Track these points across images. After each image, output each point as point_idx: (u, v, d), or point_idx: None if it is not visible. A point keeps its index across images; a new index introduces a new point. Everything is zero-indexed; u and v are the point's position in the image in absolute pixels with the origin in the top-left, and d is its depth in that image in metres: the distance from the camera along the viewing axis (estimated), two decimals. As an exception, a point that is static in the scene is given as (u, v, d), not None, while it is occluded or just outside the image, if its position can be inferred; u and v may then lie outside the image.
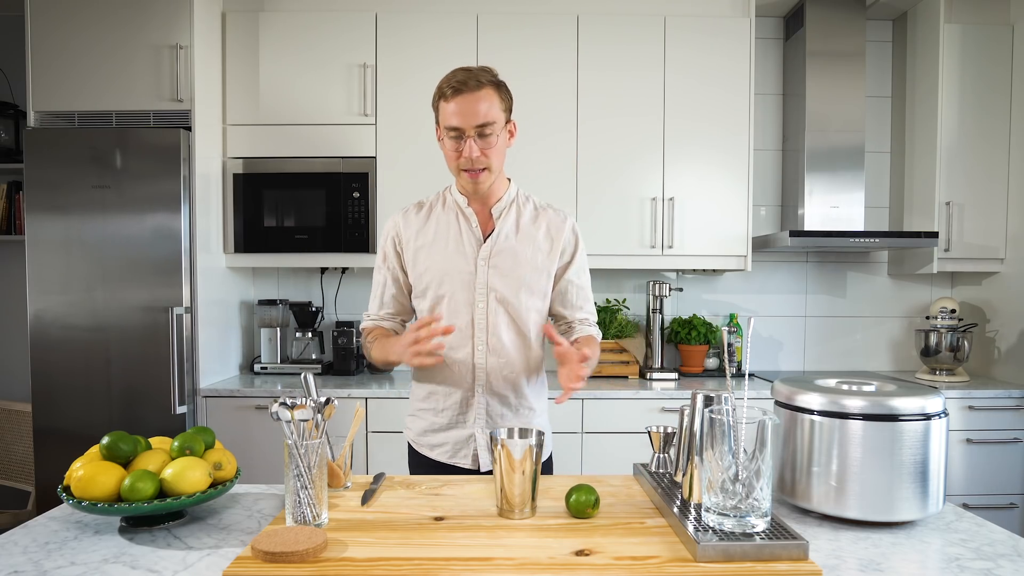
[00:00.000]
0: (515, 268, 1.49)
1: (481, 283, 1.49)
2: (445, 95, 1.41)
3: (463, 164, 1.43)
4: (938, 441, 1.05)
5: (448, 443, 1.52)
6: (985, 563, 0.93)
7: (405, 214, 1.59)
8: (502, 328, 1.49)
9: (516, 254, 1.50)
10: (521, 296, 1.49)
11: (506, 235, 1.52)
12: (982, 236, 2.87)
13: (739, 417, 0.94)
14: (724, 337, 1.72)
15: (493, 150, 1.44)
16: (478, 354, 1.49)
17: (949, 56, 2.85)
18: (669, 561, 0.89)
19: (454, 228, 1.53)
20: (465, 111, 1.39)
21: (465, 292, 1.49)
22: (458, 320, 1.48)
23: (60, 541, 1.00)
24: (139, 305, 2.47)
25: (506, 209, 1.54)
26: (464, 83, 1.39)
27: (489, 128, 1.41)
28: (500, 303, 1.49)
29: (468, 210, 1.53)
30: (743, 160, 2.81)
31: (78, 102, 2.55)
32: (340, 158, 2.77)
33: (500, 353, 1.49)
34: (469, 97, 1.39)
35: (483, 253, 1.50)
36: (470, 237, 1.51)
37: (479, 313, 1.49)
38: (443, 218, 1.55)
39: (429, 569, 0.86)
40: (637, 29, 2.79)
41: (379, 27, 2.77)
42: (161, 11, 2.53)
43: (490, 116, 1.41)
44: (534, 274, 1.51)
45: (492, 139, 1.43)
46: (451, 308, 1.49)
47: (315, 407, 1.06)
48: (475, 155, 1.41)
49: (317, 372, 2.92)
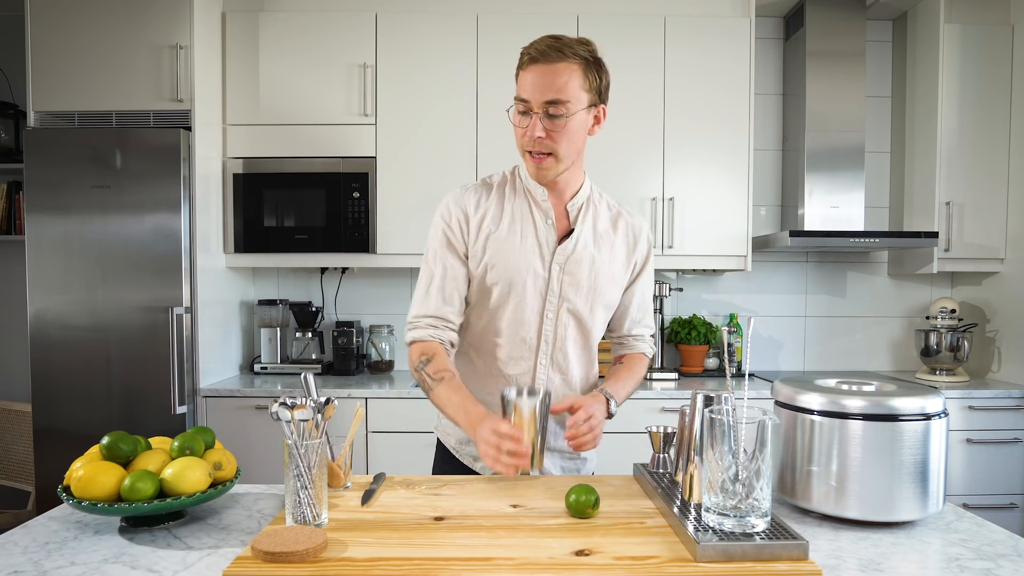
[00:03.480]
0: (592, 279, 1.33)
1: (553, 291, 1.32)
2: (523, 63, 1.25)
3: (526, 144, 1.26)
4: (938, 441, 1.05)
5: None
6: (985, 563, 0.92)
7: (468, 192, 1.36)
8: (569, 343, 1.35)
9: (593, 263, 1.33)
10: (595, 311, 1.35)
11: (584, 240, 1.34)
12: (982, 236, 2.87)
13: (739, 417, 0.94)
14: (724, 337, 1.71)
15: (562, 133, 1.24)
16: (540, 369, 1.35)
17: (949, 56, 2.85)
18: (669, 561, 0.89)
19: (528, 220, 1.33)
20: (533, 83, 1.22)
21: (535, 298, 1.31)
22: (524, 330, 1.32)
23: (60, 541, 1.00)
24: (139, 305, 2.47)
25: (583, 208, 1.36)
26: (544, 52, 1.21)
27: (560, 107, 1.22)
28: (571, 315, 1.33)
29: (546, 203, 1.33)
30: (743, 160, 2.81)
31: (78, 102, 2.55)
32: (340, 158, 2.77)
33: (564, 369, 1.36)
34: (546, 68, 1.22)
35: (559, 257, 1.32)
36: (546, 235, 1.32)
37: (548, 324, 1.33)
38: (516, 206, 1.34)
39: (429, 569, 0.86)
40: (637, 29, 2.79)
41: (379, 27, 2.77)
42: (161, 11, 2.53)
43: (564, 93, 1.22)
44: (610, 287, 1.36)
45: (562, 121, 1.23)
46: (517, 315, 1.32)
47: (315, 407, 1.06)
48: (538, 135, 1.23)
49: (317, 372, 2.92)
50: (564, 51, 1.22)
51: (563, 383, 1.38)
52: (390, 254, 2.79)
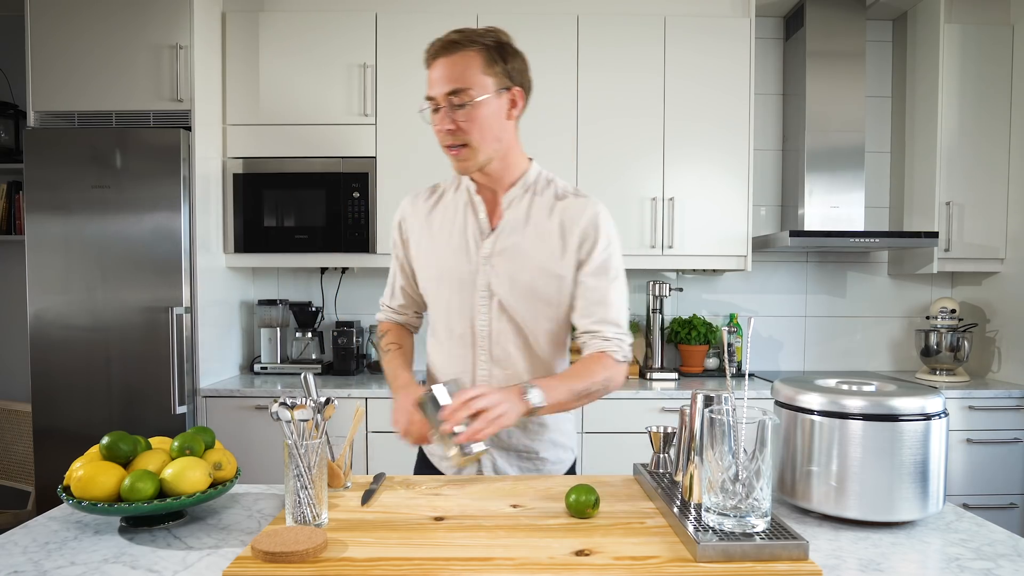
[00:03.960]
0: (518, 268, 1.29)
1: (482, 285, 1.30)
2: (426, 61, 1.24)
3: (442, 140, 1.24)
4: (938, 441, 1.05)
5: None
6: (985, 563, 0.93)
7: (415, 198, 1.40)
8: (507, 338, 1.31)
9: (520, 253, 1.28)
10: (525, 304, 1.29)
11: (512, 228, 1.30)
12: (982, 236, 2.87)
13: (739, 417, 0.94)
14: (724, 337, 1.71)
15: (473, 122, 1.21)
16: (480, 365, 1.33)
17: (949, 56, 2.85)
18: (669, 561, 0.89)
19: (460, 218, 1.33)
20: (434, 78, 1.22)
21: (463, 295, 1.31)
22: (460, 326, 1.32)
23: (60, 541, 1.00)
24: (139, 305, 2.47)
25: (518, 197, 1.31)
26: (443, 46, 1.21)
27: (464, 95, 1.20)
28: (503, 309, 1.30)
29: (476, 197, 1.32)
30: (743, 160, 2.81)
31: (78, 102, 2.55)
32: (340, 158, 2.77)
33: (505, 364, 1.32)
34: (445, 61, 1.21)
35: (484, 250, 1.30)
36: (475, 230, 1.31)
37: (480, 320, 1.31)
38: (451, 205, 1.35)
39: (429, 569, 0.86)
40: (637, 29, 2.79)
41: (379, 27, 2.77)
42: (161, 11, 2.53)
43: (464, 80, 1.20)
44: (542, 278, 1.29)
45: (469, 109, 1.20)
46: (451, 311, 1.33)
47: (315, 407, 1.06)
48: (447, 127, 1.21)
49: (317, 372, 2.92)
50: (461, 41, 1.21)
51: (507, 378, 1.32)
52: (390, 254, 2.78)
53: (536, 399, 1.19)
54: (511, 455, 1.38)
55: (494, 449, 1.36)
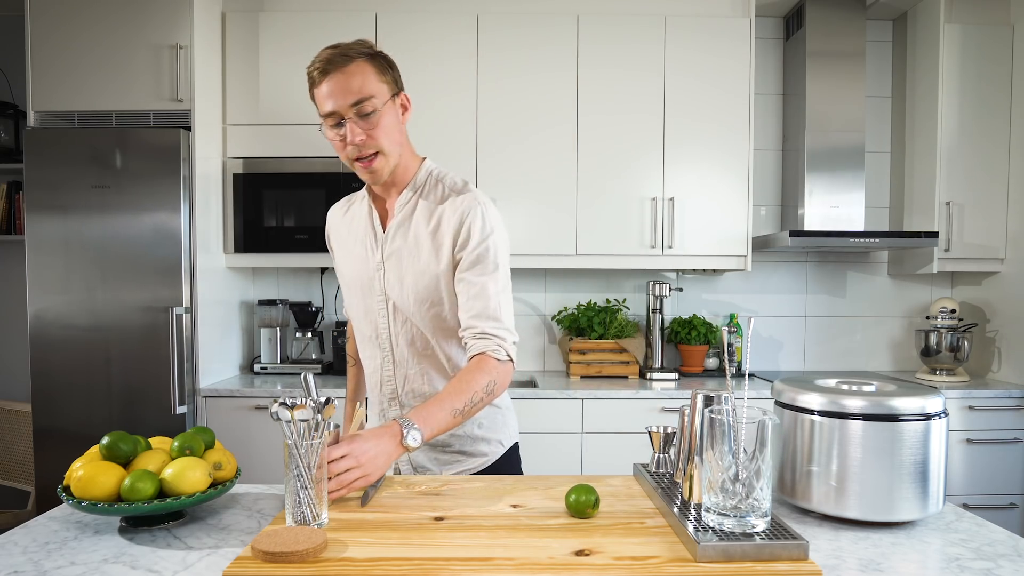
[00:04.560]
0: (404, 274, 1.31)
1: (379, 290, 1.34)
2: (315, 80, 1.24)
3: (350, 153, 1.25)
4: (938, 441, 1.05)
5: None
6: (985, 563, 0.93)
7: (335, 210, 1.46)
8: (402, 339, 1.35)
9: (403, 257, 1.31)
10: (415, 306, 1.31)
11: (393, 234, 1.33)
12: (982, 236, 2.87)
13: (739, 417, 0.94)
14: (724, 337, 1.71)
15: (380, 129, 1.24)
16: (386, 367, 1.38)
17: (949, 56, 2.85)
18: (669, 561, 0.89)
19: (362, 227, 1.38)
20: (332, 92, 1.22)
21: (367, 301, 1.36)
22: (368, 329, 1.38)
23: (60, 541, 1.00)
24: (139, 305, 2.47)
25: (405, 201, 1.34)
26: (330, 61, 1.21)
27: (368, 104, 1.22)
28: (398, 312, 1.34)
29: (371, 207, 1.37)
30: (743, 160, 2.81)
31: (78, 102, 2.55)
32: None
33: (407, 365, 1.36)
34: (338, 75, 1.21)
35: (377, 256, 1.34)
36: (371, 238, 1.36)
37: (381, 324, 1.35)
38: (357, 215, 1.40)
39: (429, 569, 0.86)
40: (637, 29, 2.79)
41: (379, 27, 2.77)
42: (161, 11, 2.53)
43: (366, 90, 1.22)
44: (423, 279, 1.30)
45: (375, 117, 1.23)
46: (358, 319, 1.40)
47: (315, 407, 1.06)
48: (359, 139, 1.23)
49: (317, 372, 2.92)
50: (348, 53, 1.22)
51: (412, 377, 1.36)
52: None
53: (414, 441, 1.14)
54: (425, 449, 1.39)
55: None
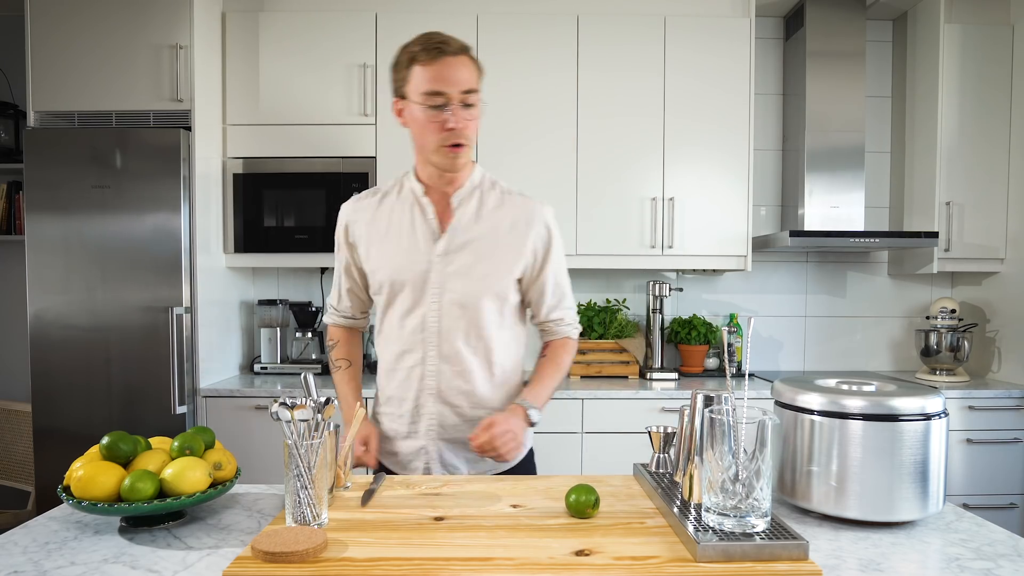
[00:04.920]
0: (474, 266, 1.33)
1: (435, 283, 1.33)
2: (418, 58, 1.24)
3: (447, 138, 1.27)
4: (938, 441, 1.05)
5: (399, 453, 1.42)
6: (985, 563, 0.93)
7: (357, 202, 1.43)
8: (457, 334, 1.35)
9: (476, 250, 1.34)
10: (481, 299, 1.34)
11: (465, 227, 1.35)
12: (982, 236, 2.87)
13: (739, 417, 0.94)
14: (724, 337, 1.71)
15: (473, 123, 1.29)
16: (429, 361, 1.36)
17: (949, 56, 2.85)
18: (669, 561, 0.89)
19: (407, 219, 1.37)
20: (449, 74, 1.23)
21: (415, 293, 1.34)
22: (409, 323, 1.36)
23: (60, 541, 1.00)
24: (139, 305, 2.47)
25: (467, 197, 1.37)
26: (446, 44, 1.24)
27: (474, 96, 1.27)
28: (456, 305, 1.34)
29: (424, 200, 1.36)
30: (743, 160, 2.81)
31: (78, 102, 2.55)
32: (340, 158, 2.77)
33: (454, 361, 1.36)
34: (452, 61, 1.24)
35: (439, 249, 1.34)
36: (425, 230, 1.35)
37: (431, 316, 1.34)
38: (397, 208, 1.39)
39: (429, 569, 0.86)
40: (637, 29, 2.79)
41: (379, 27, 2.77)
42: (161, 11, 2.53)
43: (474, 82, 1.27)
44: (496, 274, 1.34)
45: (475, 110, 1.28)
46: (402, 311, 1.37)
47: (315, 407, 1.06)
48: (461, 125, 1.26)
49: (317, 372, 2.92)
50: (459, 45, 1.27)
51: (456, 374, 1.37)
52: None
53: (535, 417, 1.36)
54: (457, 447, 1.40)
55: (441, 442, 1.40)
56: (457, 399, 1.38)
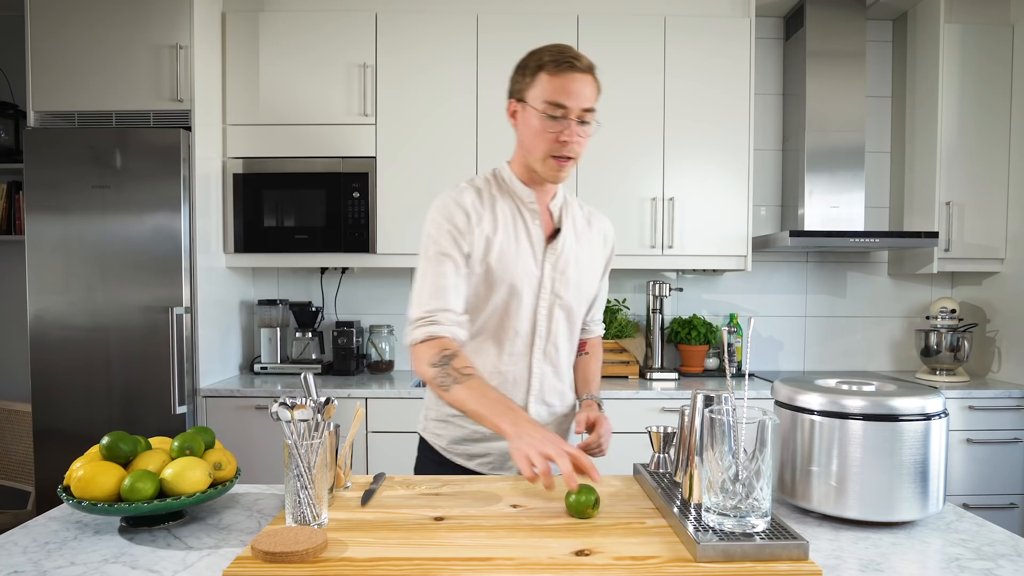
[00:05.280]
0: (577, 275, 1.41)
1: (546, 288, 1.37)
2: (547, 67, 1.27)
3: (557, 149, 1.28)
4: (938, 441, 1.05)
5: (492, 454, 1.41)
6: (985, 563, 0.93)
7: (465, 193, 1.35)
8: (560, 337, 1.41)
9: (579, 261, 1.41)
10: (580, 304, 1.43)
11: (570, 239, 1.41)
12: (982, 236, 2.87)
13: (739, 417, 0.94)
14: (724, 337, 1.71)
15: (585, 141, 1.31)
16: (535, 362, 1.39)
17: (949, 56, 2.85)
18: (669, 561, 0.89)
19: (519, 221, 1.37)
20: (575, 90, 1.26)
21: (531, 297, 1.36)
22: (522, 326, 1.37)
23: (60, 541, 1.00)
24: (139, 305, 2.47)
25: (564, 209, 1.43)
26: (577, 58, 1.26)
27: (591, 115, 1.29)
28: (562, 310, 1.39)
29: (534, 204, 1.38)
30: (743, 160, 2.81)
31: (78, 102, 2.55)
32: (340, 158, 2.77)
33: (555, 362, 1.42)
34: (581, 77, 1.26)
35: (550, 256, 1.37)
36: (538, 236, 1.37)
37: (541, 320, 1.37)
38: (505, 209, 1.37)
39: (429, 569, 0.86)
40: (637, 29, 2.79)
41: (379, 27, 2.77)
42: (161, 11, 2.53)
43: (594, 102, 1.29)
44: (590, 282, 1.46)
45: (590, 128, 1.30)
46: (515, 313, 1.35)
47: (315, 407, 1.06)
48: (574, 138, 1.27)
49: (317, 372, 2.92)
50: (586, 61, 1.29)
51: (554, 374, 1.43)
52: (390, 254, 2.79)
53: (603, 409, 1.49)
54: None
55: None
56: (553, 399, 1.44)
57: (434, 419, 1.48)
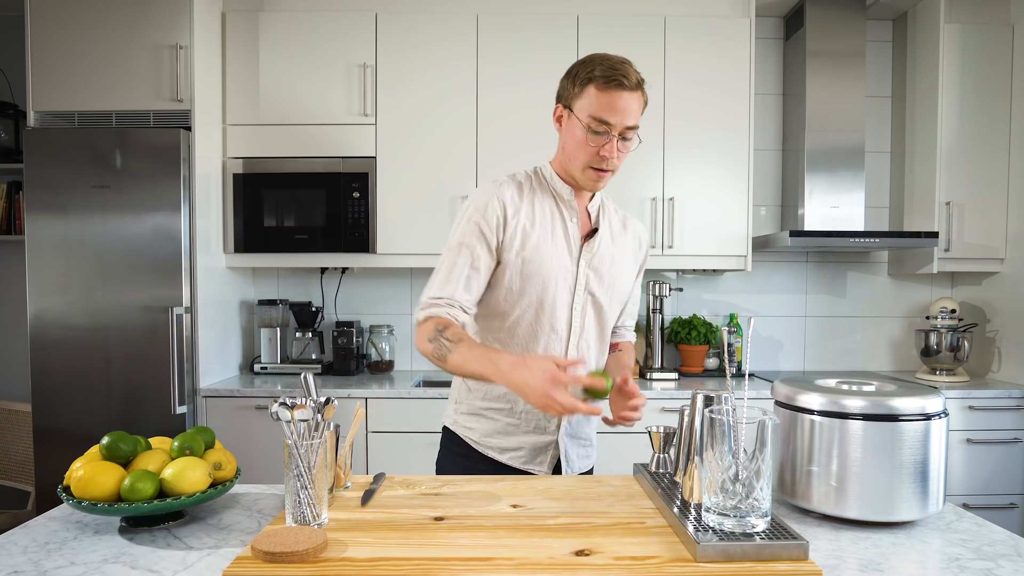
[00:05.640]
0: (611, 274, 1.44)
1: (581, 285, 1.40)
2: (596, 81, 1.28)
3: (598, 162, 1.32)
4: (938, 441, 1.05)
5: (525, 448, 1.43)
6: (985, 563, 0.93)
7: (504, 187, 1.39)
8: (592, 333, 1.44)
9: (614, 260, 1.45)
10: (613, 303, 1.46)
11: (605, 240, 1.44)
12: (982, 236, 2.87)
13: (739, 417, 0.94)
14: (724, 337, 1.72)
15: (624, 155, 1.34)
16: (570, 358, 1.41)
17: (949, 56, 2.85)
18: (669, 561, 0.89)
19: (558, 219, 1.40)
20: (621, 108, 1.28)
21: (567, 293, 1.39)
22: (557, 322, 1.39)
23: (60, 541, 1.00)
24: (139, 305, 2.47)
25: (601, 210, 1.47)
26: (627, 76, 1.27)
27: (633, 132, 1.32)
28: (594, 307, 1.43)
29: (573, 203, 1.41)
30: (743, 160, 2.81)
31: (78, 102, 2.55)
32: (340, 158, 2.77)
33: (586, 357, 1.44)
34: (629, 96, 1.28)
35: (586, 254, 1.41)
36: (575, 234, 1.41)
37: (576, 316, 1.41)
38: (543, 204, 1.40)
39: (429, 569, 0.86)
40: (637, 29, 2.79)
41: (379, 27, 2.77)
42: (161, 11, 2.53)
43: (637, 119, 1.31)
44: (624, 282, 1.48)
45: (631, 144, 1.33)
46: (550, 308, 1.38)
47: (315, 407, 1.06)
48: (615, 154, 1.31)
49: (317, 372, 2.92)
50: (639, 80, 1.30)
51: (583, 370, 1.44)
52: (390, 254, 2.79)
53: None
54: (576, 443, 1.48)
55: (567, 438, 1.46)
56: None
57: (465, 412, 1.48)
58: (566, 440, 1.45)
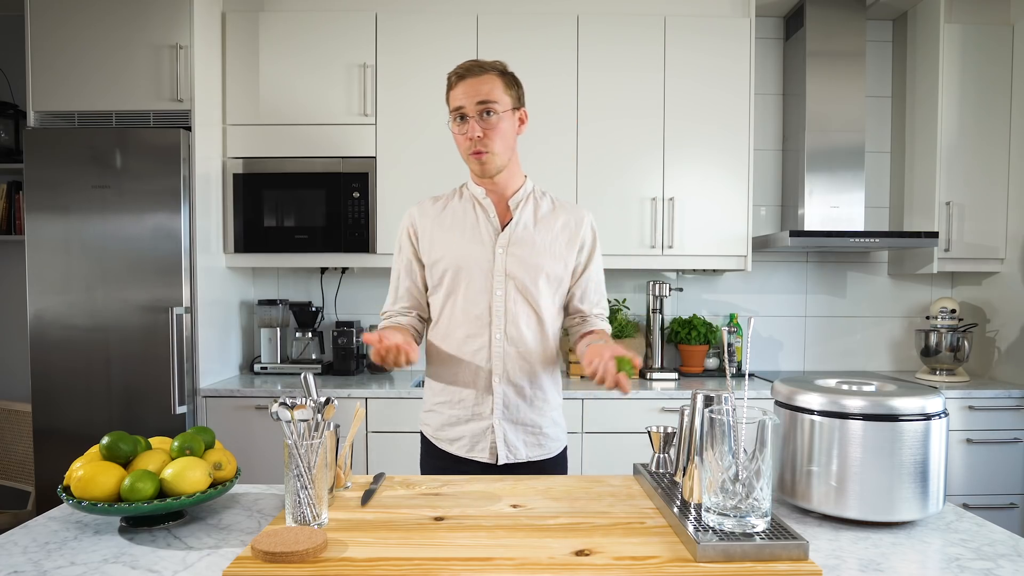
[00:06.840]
0: (533, 256, 1.49)
1: (499, 270, 1.48)
2: (451, 82, 1.46)
3: (468, 147, 1.45)
4: (938, 441, 1.05)
5: (465, 436, 1.51)
6: (985, 563, 0.93)
7: (420, 205, 1.60)
8: (520, 316, 1.49)
9: (535, 243, 1.50)
10: (540, 283, 1.49)
11: (524, 224, 1.52)
12: (982, 236, 2.87)
13: (739, 417, 0.94)
14: (724, 337, 1.72)
15: (496, 131, 1.44)
16: (495, 343, 1.48)
17: (949, 56, 2.85)
18: (669, 561, 0.89)
19: (471, 217, 1.53)
20: (466, 91, 1.43)
21: (482, 279, 1.48)
22: (475, 308, 1.48)
23: (60, 541, 1.00)
24: (139, 305, 2.47)
25: (523, 201, 1.54)
26: (469, 69, 1.44)
27: (491, 107, 1.43)
28: (519, 291, 1.48)
29: (486, 200, 1.53)
30: (743, 160, 2.81)
31: (78, 102, 2.55)
32: (340, 158, 2.77)
33: (518, 342, 1.49)
34: (473, 80, 1.43)
35: (501, 241, 1.49)
36: (487, 226, 1.51)
37: (497, 301, 1.48)
38: (459, 208, 1.55)
39: (429, 569, 0.86)
40: (637, 29, 2.79)
41: (379, 27, 2.77)
42: (161, 11, 2.53)
43: (492, 96, 1.43)
44: (552, 262, 1.51)
45: (494, 119, 1.43)
46: (468, 296, 1.49)
47: (315, 407, 1.06)
48: (477, 134, 1.42)
49: (317, 372, 2.92)
50: (484, 66, 1.45)
51: (518, 356, 1.50)
52: (390, 254, 2.76)
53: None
54: (519, 429, 1.51)
55: (506, 423, 1.50)
56: (520, 380, 1.50)
57: (424, 410, 1.61)
58: (505, 425, 1.49)
